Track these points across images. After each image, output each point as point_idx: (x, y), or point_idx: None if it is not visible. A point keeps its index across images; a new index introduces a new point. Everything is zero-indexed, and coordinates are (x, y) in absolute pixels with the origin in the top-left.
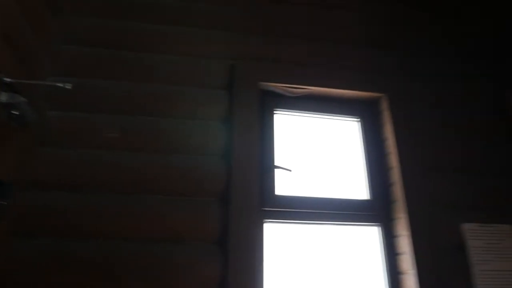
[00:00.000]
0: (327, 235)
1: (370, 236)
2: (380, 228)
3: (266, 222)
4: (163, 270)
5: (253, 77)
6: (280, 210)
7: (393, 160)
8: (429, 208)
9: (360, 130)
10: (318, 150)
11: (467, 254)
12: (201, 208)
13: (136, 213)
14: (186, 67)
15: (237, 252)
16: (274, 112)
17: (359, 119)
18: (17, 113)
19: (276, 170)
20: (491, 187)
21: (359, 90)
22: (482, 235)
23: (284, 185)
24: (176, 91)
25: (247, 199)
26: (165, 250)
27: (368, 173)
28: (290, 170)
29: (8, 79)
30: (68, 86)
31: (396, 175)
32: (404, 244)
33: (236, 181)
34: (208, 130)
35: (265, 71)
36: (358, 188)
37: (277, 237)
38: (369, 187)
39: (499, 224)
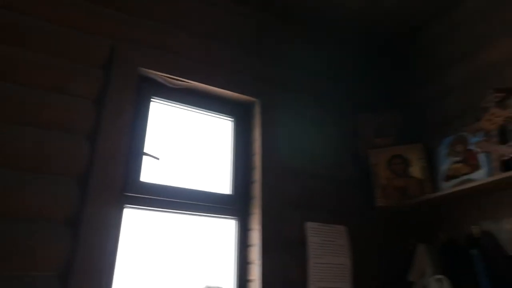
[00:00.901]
0: (188, 225)
1: (228, 228)
2: (237, 221)
3: (126, 207)
4: (6, 248)
5: (133, 61)
6: (143, 197)
7: (257, 160)
8: (280, 206)
9: (233, 129)
10: (190, 142)
11: (306, 248)
12: (55, 187)
13: None
14: (62, 38)
15: (89, 234)
16: (152, 99)
17: (233, 119)
18: None
19: (144, 157)
20: (333, 192)
21: (234, 92)
22: (321, 233)
23: (151, 172)
24: (46, 61)
25: (108, 182)
26: (11, 228)
27: (233, 170)
28: (158, 159)
29: None
30: None
31: (257, 175)
32: (255, 237)
33: (98, 163)
34: (76, 107)
35: (147, 57)
36: (222, 183)
37: (138, 223)
38: (233, 183)
39: (335, 224)
